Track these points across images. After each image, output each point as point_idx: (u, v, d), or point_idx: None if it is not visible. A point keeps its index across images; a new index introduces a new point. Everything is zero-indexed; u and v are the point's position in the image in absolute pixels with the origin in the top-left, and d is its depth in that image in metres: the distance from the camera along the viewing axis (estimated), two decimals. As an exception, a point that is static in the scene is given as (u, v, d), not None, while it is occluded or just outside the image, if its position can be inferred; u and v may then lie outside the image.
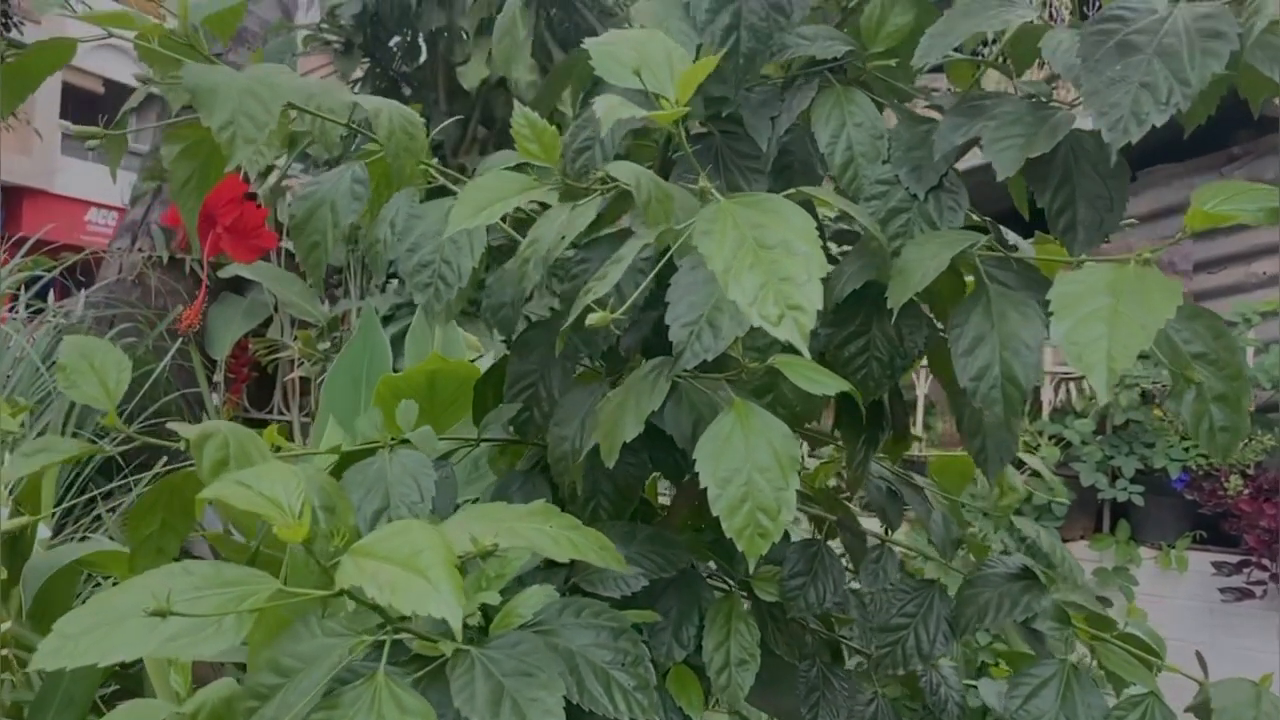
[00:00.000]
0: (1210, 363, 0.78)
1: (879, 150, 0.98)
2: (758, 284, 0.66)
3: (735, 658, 1.12)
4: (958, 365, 0.87)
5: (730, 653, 1.12)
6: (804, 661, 1.23)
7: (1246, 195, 0.73)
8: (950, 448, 3.50)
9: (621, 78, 0.70)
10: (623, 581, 1.05)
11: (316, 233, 0.91)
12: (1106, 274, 0.72)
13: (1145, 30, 0.77)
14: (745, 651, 1.12)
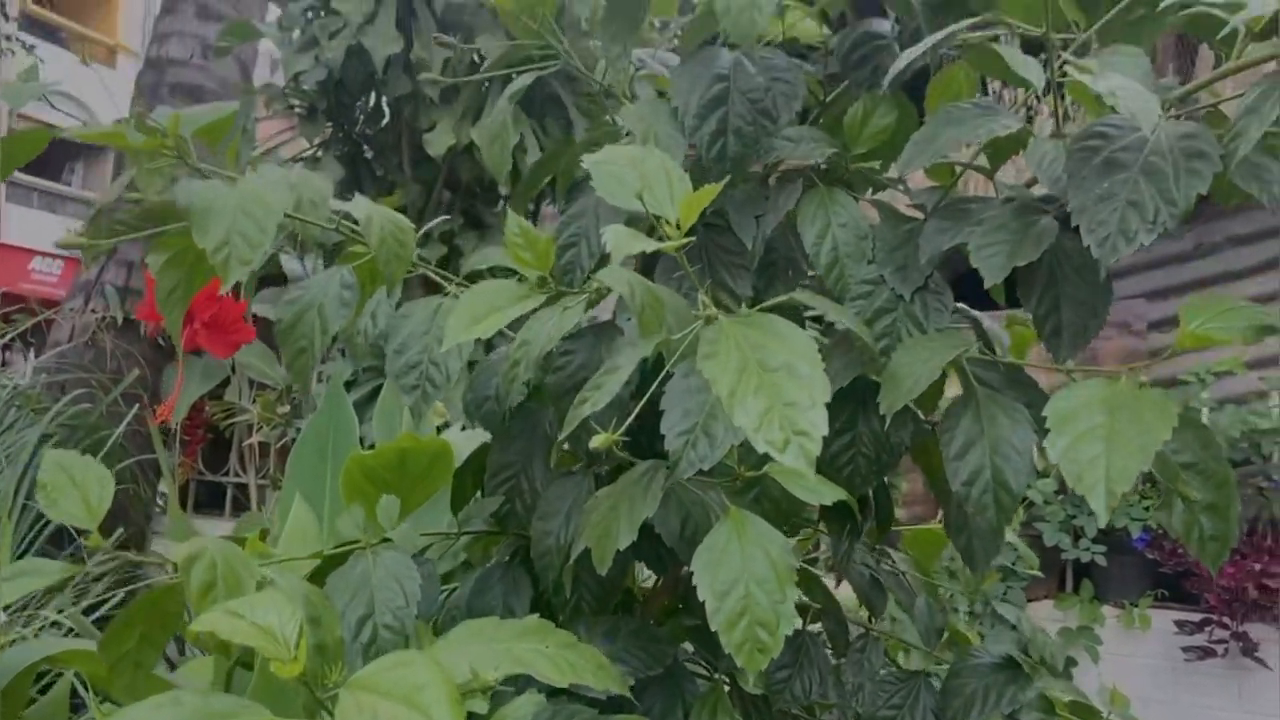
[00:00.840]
0: (1199, 472, 0.79)
1: (864, 250, 0.99)
2: (762, 409, 0.66)
3: (720, 754, 1.10)
4: (949, 469, 0.88)
5: (715, 749, 1.10)
6: (787, 752, 1.22)
7: (1233, 314, 0.75)
8: (914, 507, 3.52)
9: (624, 199, 0.70)
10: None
11: (304, 338, 0.90)
12: (1101, 390, 0.73)
13: (1130, 148, 0.79)
14: (730, 747, 1.10)
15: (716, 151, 0.97)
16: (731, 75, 0.98)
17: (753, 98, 0.97)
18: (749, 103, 0.97)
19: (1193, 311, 0.75)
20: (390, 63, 2.73)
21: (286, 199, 0.76)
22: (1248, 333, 0.73)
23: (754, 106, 0.97)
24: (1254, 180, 0.83)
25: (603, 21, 1.04)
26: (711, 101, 0.97)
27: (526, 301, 0.81)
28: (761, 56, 1.00)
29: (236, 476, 5.52)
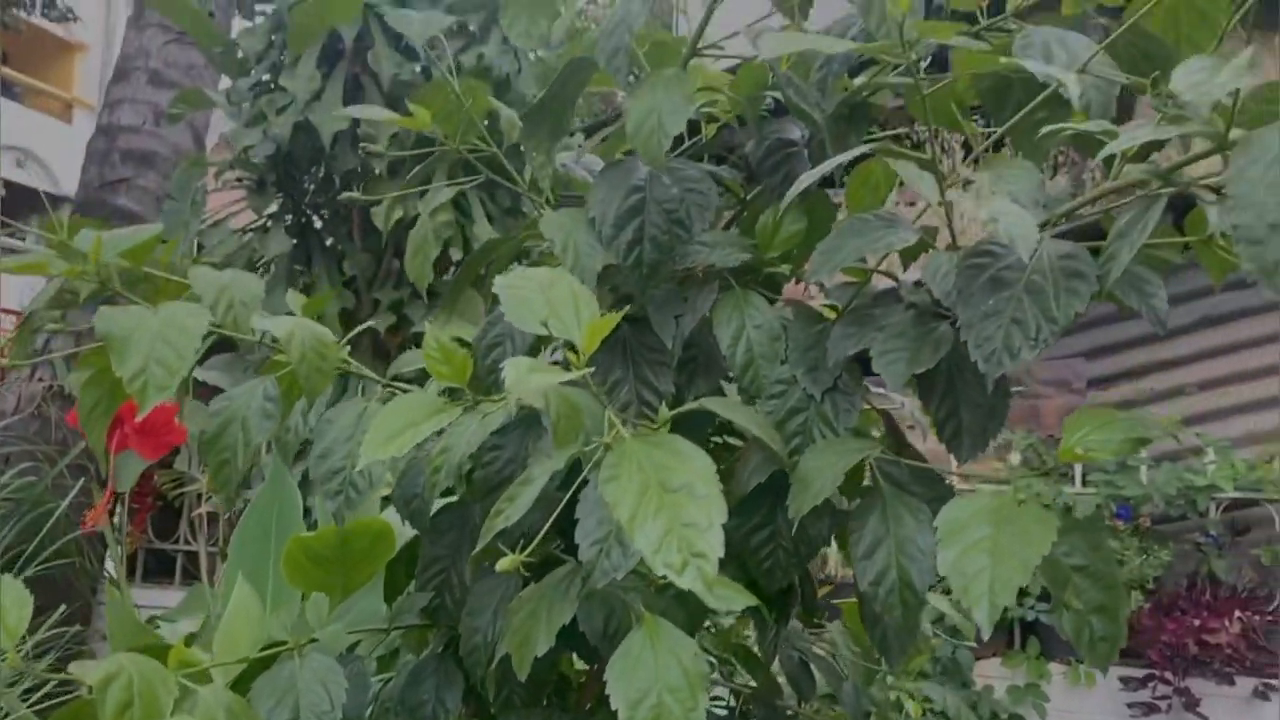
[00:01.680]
0: (1089, 575, 0.82)
1: (777, 351, 1.02)
2: (662, 531, 0.69)
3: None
4: (856, 569, 0.91)
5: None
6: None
7: (1112, 428, 0.79)
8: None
9: (530, 325, 0.73)
10: (540, 781, 1.04)
11: (227, 450, 0.92)
12: (990, 502, 0.77)
13: (1014, 266, 0.83)
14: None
15: (633, 259, 1.01)
16: (648, 186, 1.02)
17: (668, 208, 1.01)
18: (664, 213, 1.01)
19: (1074, 426, 0.79)
20: (338, 138, 2.77)
21: (204, 322, 0.78)
22: (1124, 446, 0.77)
23: (669, 216, 1.01)
24: (1135, 293, 0.88)
25: (524, 131, 1.08)
26: (628, 211, 1.01)
27: (442, 416, 0.83)
28: (676, 168, 1.04)
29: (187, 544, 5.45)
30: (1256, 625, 3.26)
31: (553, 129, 1.11)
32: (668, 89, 0.89)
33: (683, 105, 0.88)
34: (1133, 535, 3.47)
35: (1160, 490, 3.45)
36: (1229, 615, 3.19)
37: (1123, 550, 3.42)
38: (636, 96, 0.91)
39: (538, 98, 1.07)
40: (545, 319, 0.71)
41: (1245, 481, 3.45)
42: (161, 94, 5.45)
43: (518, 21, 1.16)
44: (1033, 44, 1.06)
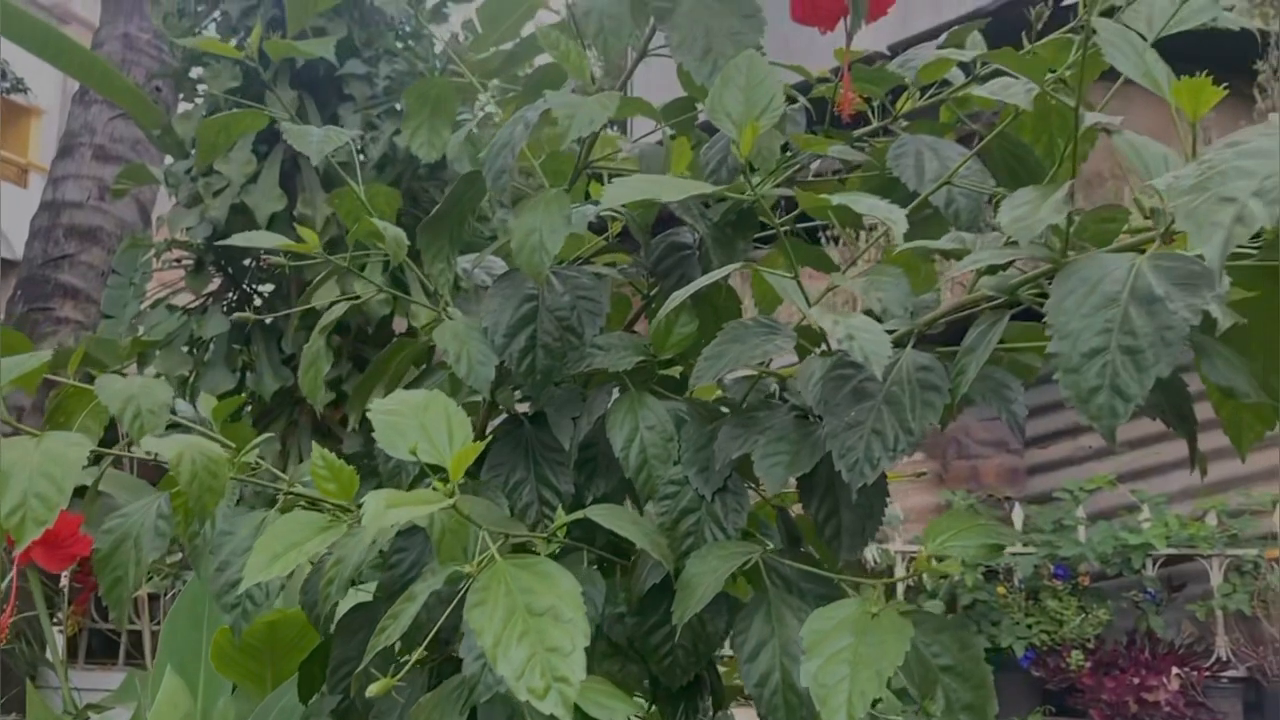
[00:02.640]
0: (957, 674, 0.85)
1: (670, 452, 1.05)
2: (525, 657, 0.71)
3: None
4: (742, 671, 0.93)
5: None
6: None
7: (971, 533, 0.82)
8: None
9: (400, 452, 0.76)
10: None
11: (120, 568, 0.93)
12: (852, 612, 0.79)
13: (875, 377, 0.87)
14: None
15: (526, 366, 1.04)
16: (541, 294, 1.05)
17: (560, 315, 1.05)
18: (556, 320, 1.05)
19: (934, 530, 0.82)
20: (274, 219, 2.79)
21: (84, 452, 0.80)
22: (980, 552, 0.80)
23: (561, 324, 1.04)
24: (996, 399, 0.92)
25: (422, 242, 1.11)
26: (521, 320, 1.04)
27: (326, 535, 0.85)
28: (569, 275, 1.08)
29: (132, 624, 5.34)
30: (1194, 681, 3.31)
31: (452, 238, 1.14)
32: (548, 209, 0.93)
33: (562, 225, 0.92)
34: (1071, 594, 3.51)
35: (1096, 549, 3.50)
36: (1167, 672, 3.23)
37: (1062, 610, 3.47)
38: (519, 216, 0.95)
39: (434, 211, 1.11)
40: (414, 447, 0.74)
41: (1178, 538, 3.52)
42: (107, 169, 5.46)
43: (418, 134, 1.20)
44: (907, 152, 1.12)
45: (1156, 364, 0.64)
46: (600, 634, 1.08)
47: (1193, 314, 0.64)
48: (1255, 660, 3.46)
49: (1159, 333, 0.64)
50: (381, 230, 0.97)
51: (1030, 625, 3.50)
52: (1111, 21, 0.69)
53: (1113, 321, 0.66)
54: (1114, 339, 0.66)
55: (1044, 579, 3.53)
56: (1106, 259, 0.71)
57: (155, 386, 1.16)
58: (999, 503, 3.83)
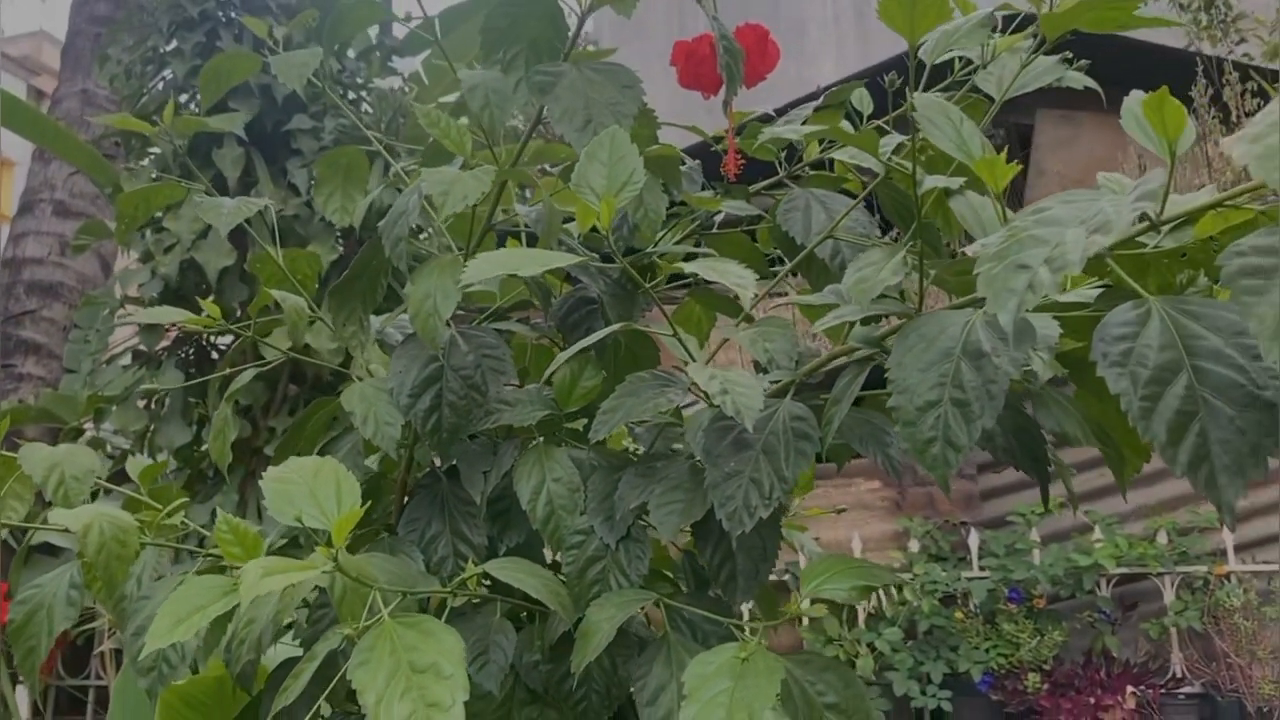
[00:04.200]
0: (842, 712, 0.89)
1: (576, 502, 1.08)
2: (407, 713, 0.74)
3: None
4: (642, 714, 0.96)
5: None
6: None
7: (846, 574, 0.86)
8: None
9: (287, 518, 0.79)
10: None
11: (33, 637, 0.95)
12: (731, 658, 0.83)
13: (756, 428, 0.91)
14: None
15: (432, 425, 1.07)
16: (446, 354, 1.09)
17: (464, 374, 1.08)
18: (461, 379, 1.08)
19: (810, 574, 0.86)
20: (224, 274, 2.82)
21: (-10, 529, 0.83)
22: (853, 592, 0.84)
23: (466, 382, 1.08)
24: (873, 444, 0.96)
25: (334, 305, 1.15)
26: (426, 380, 1.08)
27: (230, 598, 0.88)
28: (473, 333, 1.11)
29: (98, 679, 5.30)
30: (1150, 699, 3.35)
31: (364, 300, 1.18)
32: (441, 275, 0.97)
33: (454, 291, 0.96)
34: (1027, 618, 3.56)
35: (1047, 572, 3.55)
36: (1123, 691, 3.27)
37: (1018, 633, 3.51)
38: (415, 282, 0.99)
39: (344, 275, 1.15)
40: (298, 515, 0.77)
41: (1129, 558, 3.57)
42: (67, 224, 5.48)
43: (331, 200, 1.24)
44: (796, 205, 1.17)
45: (982, 415, 0.68)
46: (519, 681, 1.11)
47: (1015, 368, 0.68)
48: (1209, 676, 3.51)
49: (985, 386, 0.69)
50: (280, 300, 1.00)
51: (988, 649, 3.54)
52: (935, 98, 0.74)
53: (946, 376, 0.71)
54: (946, 392, 0.70)
55: (1000, 603, 3.58)
56: (945, 316, 0.75)
57: (80, 453, 1.19)
58: (954, 528, 3.88)
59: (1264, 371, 0.60)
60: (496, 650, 1.05)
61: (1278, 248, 0.56)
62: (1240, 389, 0.60)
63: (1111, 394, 0.62)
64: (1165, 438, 0.60)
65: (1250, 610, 3.41)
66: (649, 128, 1.11)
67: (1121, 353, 0.63)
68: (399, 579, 0.97)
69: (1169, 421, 0.60)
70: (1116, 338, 0.64)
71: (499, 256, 0.79)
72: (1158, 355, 0.62)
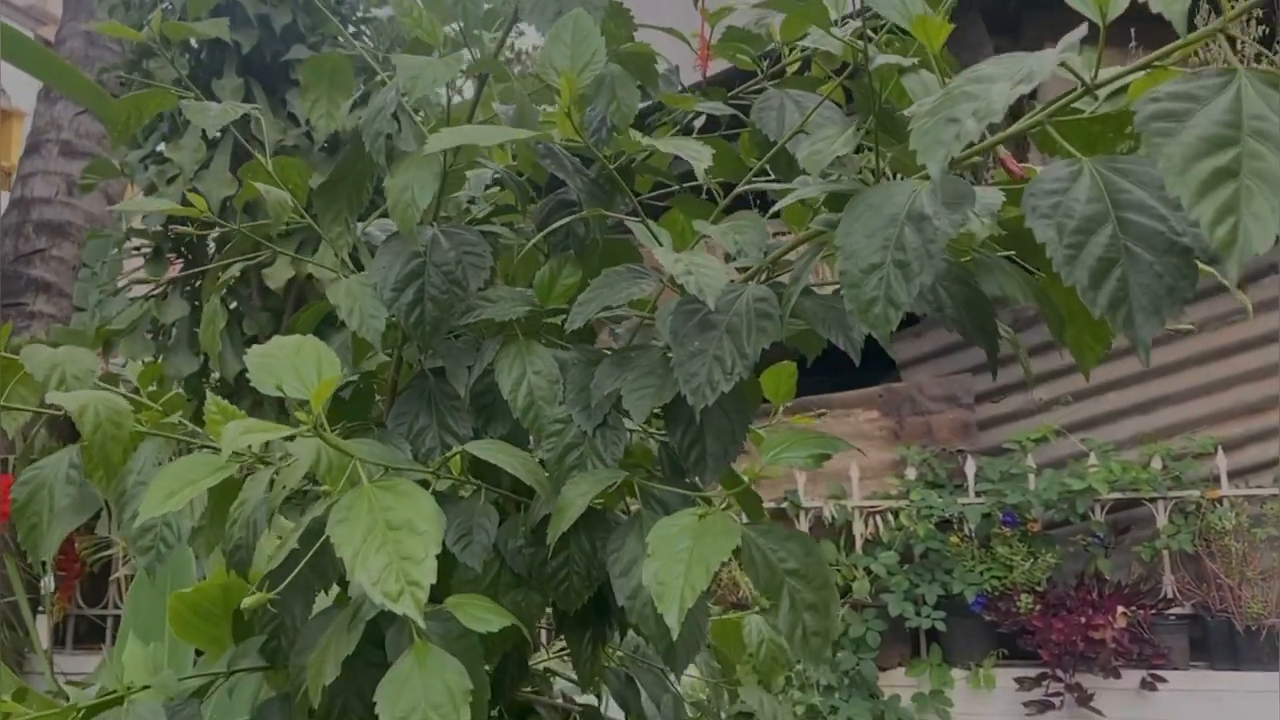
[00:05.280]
0: (801, 577, 0.93)
1: (555, 393, 1.12)
2: (382, 565, 0.79)
3: None
4: (615, 585, 1.00)
5: None
6: None
7: (804, 443, 0.90)
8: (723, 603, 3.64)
9: (268, 387, 0.83)
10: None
11: (35, 515, 1.00)
12: (692, 519, 0.87)
13: (721, 310, 0.95)
14: None
15: (415, 318, 1.11)
16: (428, 251, 1.12)
17: (446, 270, 1.12)
18: (443, 274, 1.12)
19: (770, 444, 0.90)
20: (225, 204, 2.86)
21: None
22: (809, 460, 0.88)
23: (447, 277, 1.11)
24: (837, 328, 1.00)
25: (319, 207, 1.18)
26: (409, 275, 1.11)
27: (220, 473, 0.92)
28: (455, 231, 1.15)
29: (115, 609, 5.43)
30: (1141, 619, 3.41)
31: (349, 203, 1.21)
32: (419, 168, 1.00)
33: (432, 181, 0.99)
34: (1021, 541, 3.61)
35: (1041, 496, 3.60)
36: (1114, 611, 3.33)
37: (1012, 556, 3.57)
38: (394, 175, 1.02)
39: (329, 176, 1.18)
40: (279, 383, 0.81)
41: (1122, 483, 3.62)
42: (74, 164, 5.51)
43: (317, 106, 1.26)
44: (770, 105, 1.19)
45: (921, 273, 0.72)
46: (504, 566, 1.15)
47: (953, 228, 0.72)
48: (1200, 598, 3.57)
49: (925, 246, 0.72)
50: (263, 192, 1.04)
51: (982, 572, 3.60)
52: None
53: (890, 240, 0.74)
54: (889, 255, 0.73)
55: (995, 527, 3.63)
56: (893, 186, 0.78)
57: (79, 354, 1.23)
58: (951, 456, 3.93)
59: (1184, 220, 0.63)
60: (480, 531, 1.09)
61: (1192, 93, 0.59)
62: (1160, 236, 0.63)
63: (1038, 243, 0.65)
64: (1086, 282, 0.63)
65: (1241, 533, 3.46)
66: (624, 27, 1.14)
67: (1050, 205, 0.66)
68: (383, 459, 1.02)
69: (1091, 268, 0.63)
70: (1047, 192, 0.67)
71: (463, 129, 0.82)
72: (1084, 208, 0.65)
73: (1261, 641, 3.41)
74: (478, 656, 1.02)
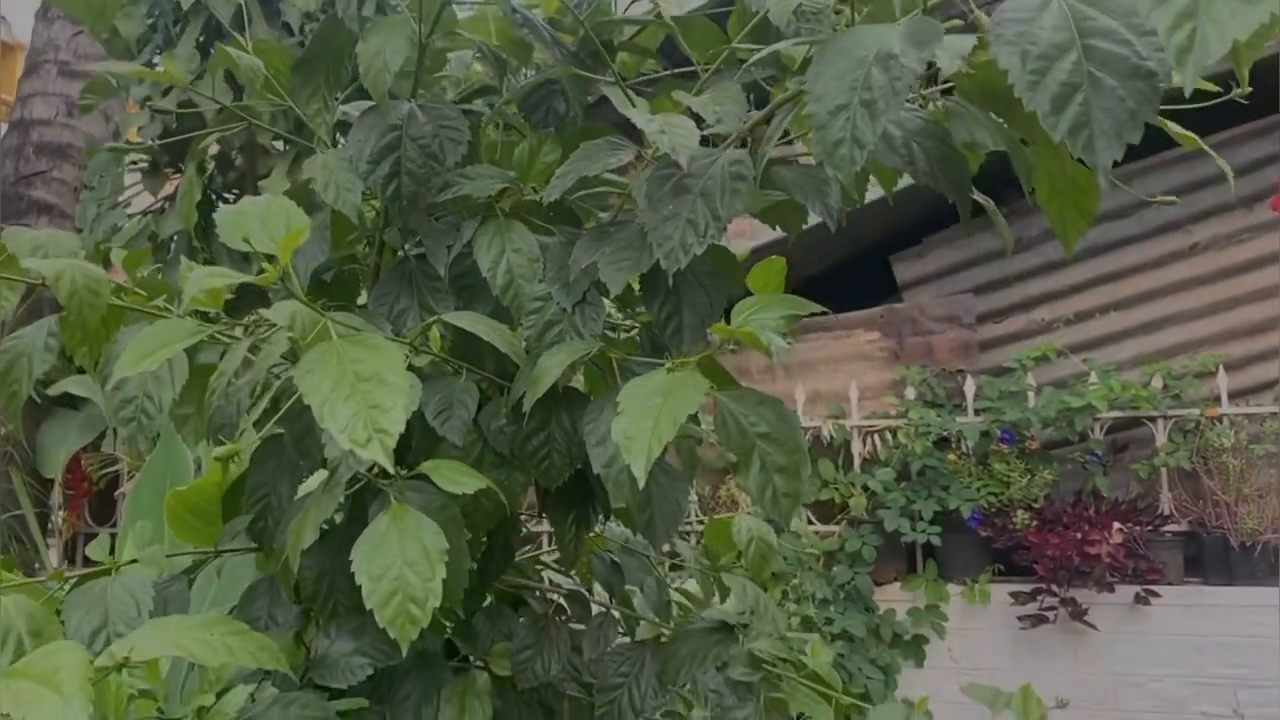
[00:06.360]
0: (772, 440, 0.93)
1: (535, 271, 1.12)
2: (351, 413, 0.79)
3: (469, 731, 1.20)
4: (591, 455, 1.01)
5: (464, 727, 1.20)
6: (556, 728, 1.34)
7: (775, 307, 0.90)
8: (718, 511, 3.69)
9: (235, 241, 0.83)
10: (348, 672, 1.14)
11: (15, 382, 1.01)
12: (662, 377, 0.87)
13: (695, 174, 0.94)
14: (478, 724, 1.20)
15: (391, 191, 1.10)
16: (405, 124, 1.11)
17: (423, 144, 1.11)
18: (419, 148, 1.11)
19: (741, 307, 0.90)
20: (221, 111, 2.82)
21: None
22: (782, 321, 0.88)
23: (423, 151, 1.11)
24: (814, 194, 0.99)
25: (295, 84, 1.17)
26: (385, 148, 1.10)
27: (194, 336, 0.92)
28: (432, 107, 1.13)
29: (124, 528, 5.47)
30: (1137, 535, 3.43)
31: (328, 80, 1.20)
32: (390, 32, 0.99)
33: (404, 45, 0.98)
34: (1019, 458, 3.63)
35: (1040, 414, 3.60)
36: (1109, 527, 3.35)
37: (1009, 473, 3.59)
38: (366, 40, 1.00)
39: (305, 51, 1.16)
40: (247, 236, 0.81)
41: (1122, 401, 3.61)
42: (73, 85, 5.44)
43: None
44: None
45: (886, 110, 0.71)
46: (486, 446, 1.16)
47: (919, 64, 0.70)
48: (1196, 515, 3.59)
49: (891, 84, 0.71)
50: (235, 59, 1.02)
51: (979, 489, 3.62)
52: None
53: (857, 80, 0.73)
54: (856, 95, 0.72)
55: (992, 445, 3.64)
56: (865, 30, 0.76)
57: (62, 236, 1.23)
58: (951, 376, 3.93)
59: (1150, 44, 0.61)
60: (460, 407, 1.10)
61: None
62: (1125, 61, 0.62)
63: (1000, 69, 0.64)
64: (1048, 107, 0.62)
65: (1240, 450, 3.47)
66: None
67: (1016, 34, 0.65)
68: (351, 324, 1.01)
69: (1053, 94, 0.62)
70: (1014, 20, 0.65)
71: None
72: (1050, 35, 0.64)
73: (1256, 557, 3.44)
74: (458, 527, 1.03)
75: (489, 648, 1.28)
